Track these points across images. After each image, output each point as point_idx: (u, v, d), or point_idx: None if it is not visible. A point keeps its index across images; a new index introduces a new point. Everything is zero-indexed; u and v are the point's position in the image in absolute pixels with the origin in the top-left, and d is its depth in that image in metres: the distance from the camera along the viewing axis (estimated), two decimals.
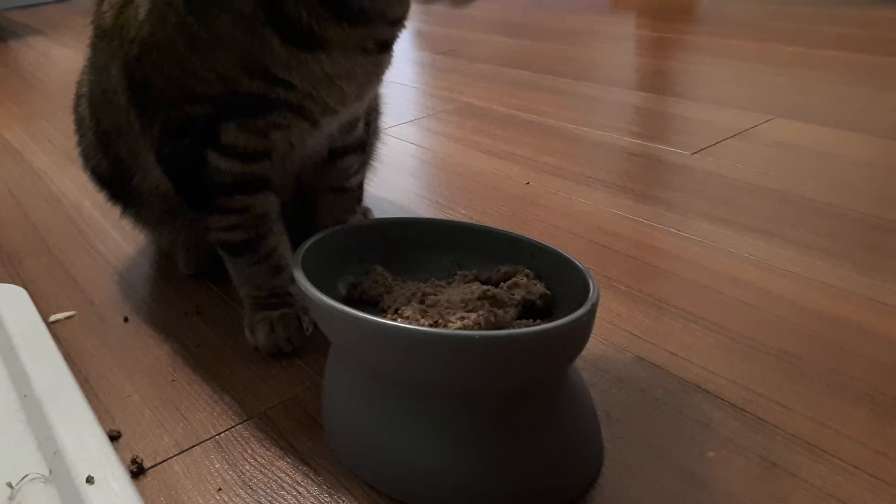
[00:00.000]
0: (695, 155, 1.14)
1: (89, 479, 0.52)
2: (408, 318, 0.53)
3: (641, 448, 0.57)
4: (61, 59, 2.13)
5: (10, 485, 0.55)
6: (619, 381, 0.65)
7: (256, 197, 0.69)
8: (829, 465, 0.54)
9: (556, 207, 0.97)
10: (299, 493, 0.55)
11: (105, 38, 0.70)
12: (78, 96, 0.85)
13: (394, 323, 0.50)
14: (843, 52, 1.67)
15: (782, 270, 0.80)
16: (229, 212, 0.69)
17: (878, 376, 0.63)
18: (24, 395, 0.64)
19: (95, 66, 0.76)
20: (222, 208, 0.69)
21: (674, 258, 0.85)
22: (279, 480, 0.56)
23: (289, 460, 0.58)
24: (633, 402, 0.62)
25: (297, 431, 0.61)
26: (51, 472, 0.56)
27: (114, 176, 0.83)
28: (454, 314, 0.53)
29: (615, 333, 0.72)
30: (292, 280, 0.73)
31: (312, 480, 0.56)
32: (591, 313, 0.50)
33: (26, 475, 0.56)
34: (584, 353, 0.67)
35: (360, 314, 0.50)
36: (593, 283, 0.53)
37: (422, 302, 0.56)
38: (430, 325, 0.52)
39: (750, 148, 1.16)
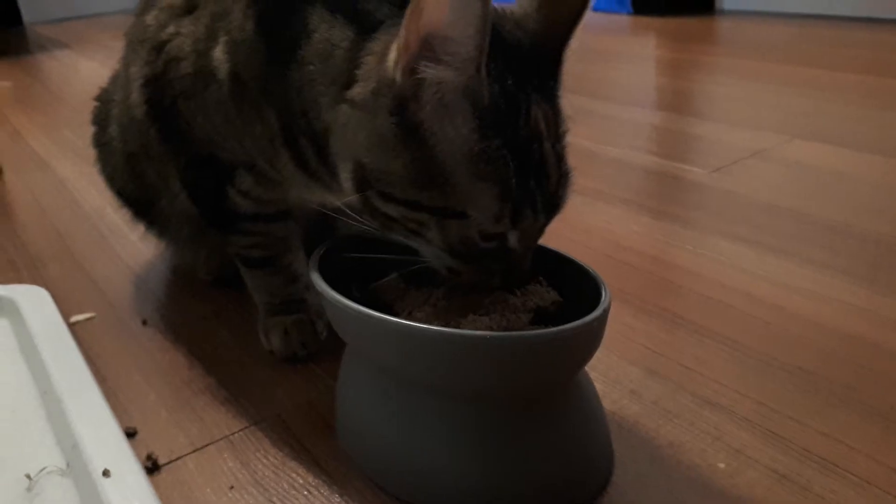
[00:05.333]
0: (713, 174, 1.14)
1: (105, 473, 0.53)
2: (420, 320, 0.54)
3: (652, 458, 0.58)
4: (87, 71, 2.18)
5: (28, 476, 0.56)
6: (631, 392, 0.65)
7: (277, 224, 0.72)
8: (842, 479, 0.54)
9: (572, 222, 0.97)
10: (310, 492, 0.56)
11: (142, 47, 0.68)
12: (106, 116, 0.85)
13: (405, 321, 0.51)
14: (863, 76, 1.67)
15: (798, 288, 0.80)
16: (250, 234, 0.72)
17: (894, 393, 0.63)
18: (45, 392, 0.65)
19: (125, 84, 0.76)
20: (243, 231, 0.72)
21: (689, 274, 0.85)
22: (291, 480, 0.57)
23: (301, 461, 0.59)
24: (644, 413, 0.63)
25: (310, 434, 0.62)
26: (68, 465, 0.57)
27: (140, 198, 0.84)
28: (467, 318, 0.53)
29: (629, 346, 0.72)
30: (307, 288, 0.74)
31: (323, 481, 0.57)
32: (602, 318, 0.50)
33: (44, 467, 0.56)
34: (596, 364, 0.68)
35: (373, 312, 0.50)
36: (605, 290, 0.53)
37: (435, 307, 0.56)
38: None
39: (768, 167, 1.16)
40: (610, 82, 1.80)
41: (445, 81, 0.47)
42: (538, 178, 0.50)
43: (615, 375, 0.67)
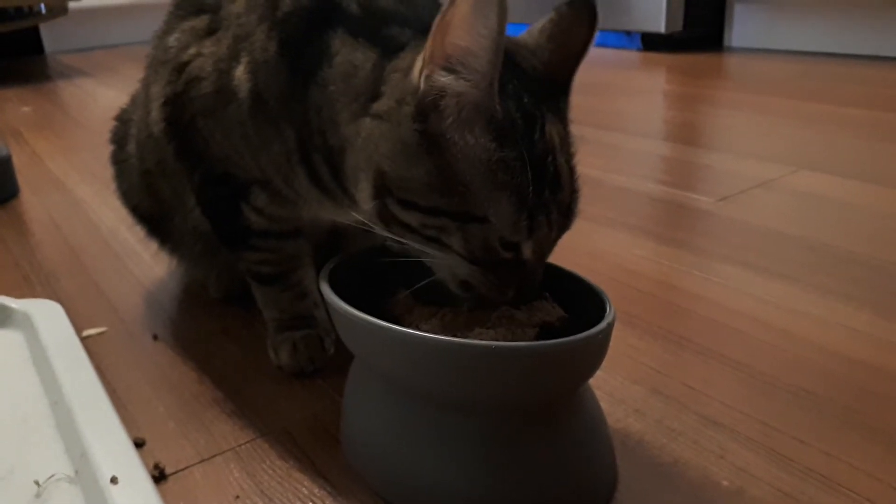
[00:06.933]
0: (719, 202, 1.15)
1: (113, 480, 0.54)
2: (426, 332, 0.54)
3: (655, 475, 0.58)
4: (105, 99, 2.22)
5: (37, 482, 0.56)
6: (636, 411, 0.66)
7: (288, 242, 0.73)
8: (844, 497, 0.54)
9: (578, 246, 0.98)
10: (314, 503, 0.56)
11: (164, 68, 0.69)
12: (124, 135, 0.87)
13: (411, 331, 0.51)
14: (868, 111, 1.68)
15: (803, 313, 0.80)
16: (262, 250, 0.73)
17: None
18: (55, 402, 0.66)
19: (144, 103, 0.77)
20: (255, 247, 0.73)
21: (695, 298, 0.86)
22: (295, 491, 0.57)
23: (306, 472, 0.59)
24: (648, 431, 0.63)
25: (315, 446, 0.63)
26: (76, 472, 0.57)
27: (154, 215, 0.86)
28: (473, 331, 0.54)
29: (634, 367, 0.72)
30: (315, 304, 0.75)
31: (328, 492, 0.57)
32: (607, 331, 0.51)
33: (53, 475, 0.57)
34: (601, 383, 0.68)
35: (380, 322, 0.51)
36: (610, 305, 0.54)
37: (442, 320, 0.57)
38: None
39: (774, 197, 1.17)
40: (619, 114, 1.83)
41: (463, 94, 0.49)
42: (553, 189, 0.52)
43: (620, 395, 0.68)
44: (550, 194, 0.52)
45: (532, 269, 0.55)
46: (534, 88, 0.53)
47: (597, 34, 0.56)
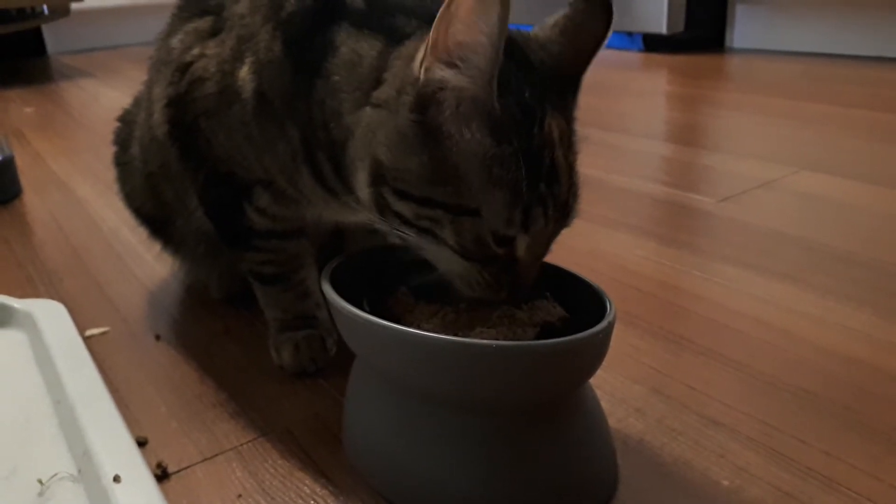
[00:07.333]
0: (720, 203, 1.15)
1: (116, 479, 0.54)
2: (428, 331, 0.55)
3: (656, 475, 0.58)
4: (108, 99, 2.22)
5: (40, 481, 0.57)
6: (637, 410, 0.66)
7: (291, 242, 0.73)
8: (844, 497, 0.54)
9: (579, 246, 0.99)
10: (316, 502, 0.56)
11: (167, 68, 0.69)
12: (128, 137, 0.87)
13: (412, 330, 0.52)
14: (869, 111, 1.69)
15: (803, 313, 0.81)
16: (264, 251, 0.73)
17: (894, 415, 0.63)
18: (58, 401, 0.66)
19: (147, 105, 0.78)
20: (258, 248, 0.73)
21: (696, 298, 0.86)
22: (297, 490, 0.58)
23: (308, 472, 0.60)
24: (649, 431, 0.63)
25: (317, 445, 0.63)
26: (79, 471, 0.58)
27: (157, 217, 0.87)
28: (474, 330, 0.54)
29: (635, 367, 0.72)
30: (318, 305, 0.75)
31: (330, 491, 0.57)
32: (608, 330, 0.51)
33: (56, 474, 0.57)
34: (602, 383, 0.68)
35: (381, 321, 0.52)
36: (611, 305, 0.54)
37: (443, 319, 0.57)
38: None
39: (775, 198, 1.17)
40: (621, 115, 1.83)
41: (462, 89, 0.49)
42: (549, 183, 0.52)
43: (621, 394, 0.68)
44: (546, 188, 0.52)
45: (525, 268, 0.54)
46: (538, 82, 0.53)
47: (611, 32, 0.55)
